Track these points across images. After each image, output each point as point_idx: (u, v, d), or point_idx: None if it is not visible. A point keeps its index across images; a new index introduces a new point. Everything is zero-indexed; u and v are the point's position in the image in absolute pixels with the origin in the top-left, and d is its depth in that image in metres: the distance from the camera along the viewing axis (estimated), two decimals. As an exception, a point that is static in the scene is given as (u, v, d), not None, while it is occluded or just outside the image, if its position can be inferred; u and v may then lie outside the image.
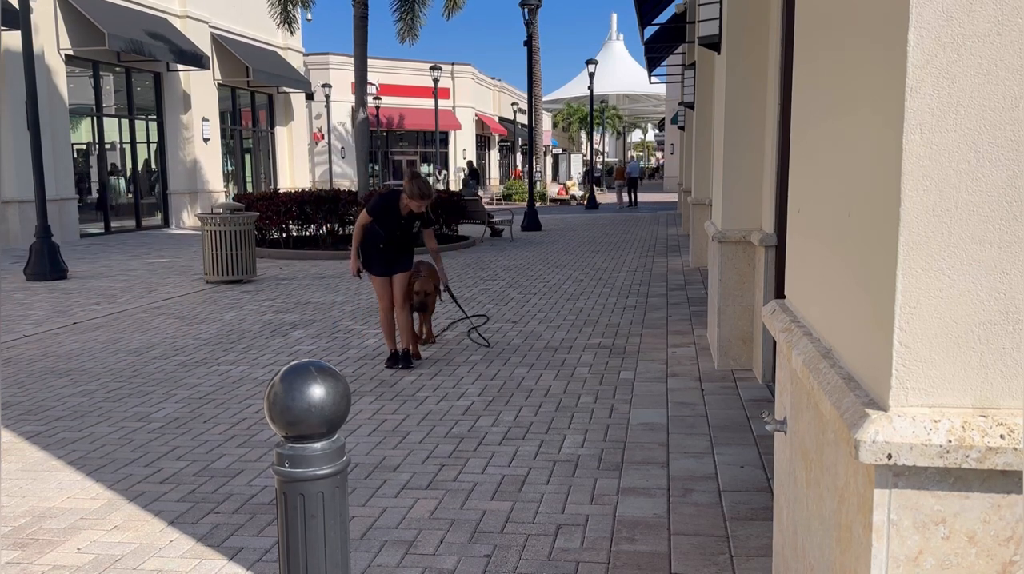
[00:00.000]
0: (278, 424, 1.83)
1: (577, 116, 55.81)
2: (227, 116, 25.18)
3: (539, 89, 35.33)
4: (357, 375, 6.20)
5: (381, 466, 4.31)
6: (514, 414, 5.19)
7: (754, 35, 5.78)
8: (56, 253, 11.72)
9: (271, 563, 3.28)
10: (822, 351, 1.79)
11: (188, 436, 4.85)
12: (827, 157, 1.85)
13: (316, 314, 8.80)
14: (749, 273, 6.02)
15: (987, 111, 1.30)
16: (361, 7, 16.02)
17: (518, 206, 27.72)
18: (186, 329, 8.05)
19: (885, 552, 1.40)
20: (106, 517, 3.72)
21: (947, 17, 1.29)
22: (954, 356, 1.36)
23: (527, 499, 3.85)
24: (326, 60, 34.39)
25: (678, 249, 14.95)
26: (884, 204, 1.41)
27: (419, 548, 3.37)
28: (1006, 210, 1.31)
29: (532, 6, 21.65)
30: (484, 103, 43.77)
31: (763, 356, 5.66)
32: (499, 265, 13.06)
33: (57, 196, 16.63)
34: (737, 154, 5.96)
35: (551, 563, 3.22)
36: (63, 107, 17.64)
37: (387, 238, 6.37)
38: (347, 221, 15.58)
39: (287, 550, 1.87)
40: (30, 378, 6.24)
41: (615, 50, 60.02)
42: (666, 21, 16.47)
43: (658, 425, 4.89)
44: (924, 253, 1.34)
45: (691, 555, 3.23)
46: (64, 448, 4.66)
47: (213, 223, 10.96)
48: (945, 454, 1.32)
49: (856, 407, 1.44)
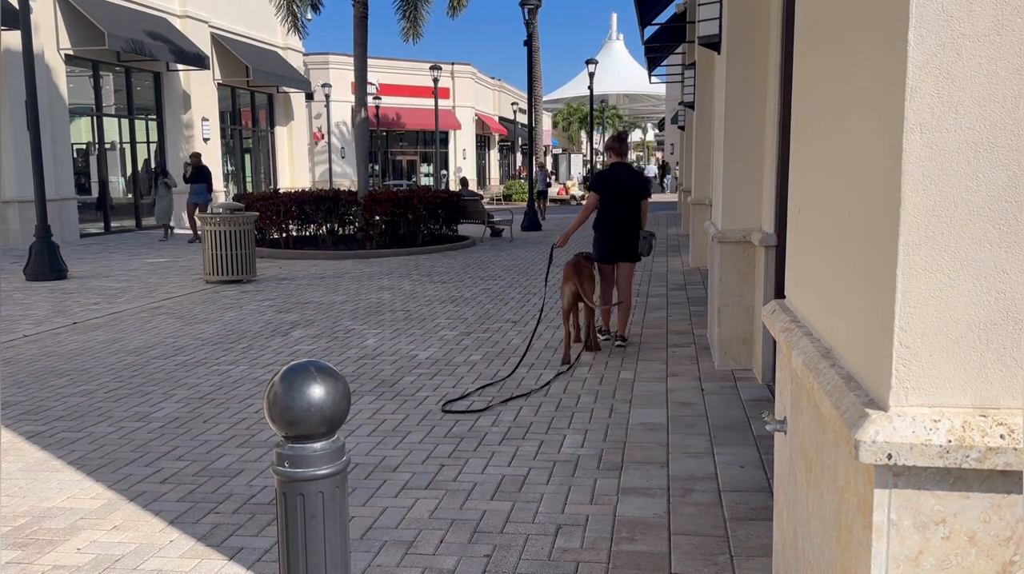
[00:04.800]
0: (278, 424, 1.83)
1: (577, 116, 55.84)
2: (227, 116, 25.18)
3: (539, 89, 35.32)
4: (357, 375, 6.20)
5: (381, 466, 4.31)
6: (514, 414, 5.18)
7: (754, 35, 5.78)
8: (56, 253, 11.72)
9: (271, 563, 3.28)
10: (822, 351, 1.79)
11: (188, 436, 4.85)
12: (827, 157, 1.85)
13: (316, 314, 8.80)
14: (749, 273, 6.02)
15: (987, 111, 1.30)
16: (361, 7, 16.01)
17: (518, 206, 27.71)
18: (186, 329, 8.05)
19: (885, 552, 1.40)
20: (106, 517, 3.72)
21: (947, 17, 1.28)
22: (954, 356, 1.36)
23: (527, 499, 3.85)
24: (326, 60, 34.40)
25: (678, 249, 14.95)
26: (884, 204, 1.41)
27: (419, 548, 3.38)
28: (1006, 210, 1.31)
29: (532, 6, 21.64)
30: (484, 103, 43.78)
31: (763, 356, 5.66)
32: (499, 265, 13.06)
33: (57, 196, 16.62)
34: (737, 154, 5.96)
35: (551, 563, 3.22)
36: (63, 107, 17.64)
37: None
38: (347, 221, 15.59)
39: (287, 550, 1.87)
40: (30, 378, 6.24)
41: (615, 50, 60.06)
42: (666, 21, 16.47)
43: (658, 425, 4.89)
44: (924, 253, 1.34)
45: (691, 555, 3.23)
46: (64, 448, 4.66)
47: (213, 223, 10.96)
48: (945, 454, 1.32)
49: (856, 407, 1.44)
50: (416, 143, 39.94)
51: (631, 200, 6.98)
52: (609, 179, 7.00)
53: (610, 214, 6.97)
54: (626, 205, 6.96)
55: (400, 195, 15.33)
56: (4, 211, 16.23)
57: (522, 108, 45.52)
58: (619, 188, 6.94)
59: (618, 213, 6.96)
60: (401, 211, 15.04)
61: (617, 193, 6.94)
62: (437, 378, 6.09)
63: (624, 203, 6.96)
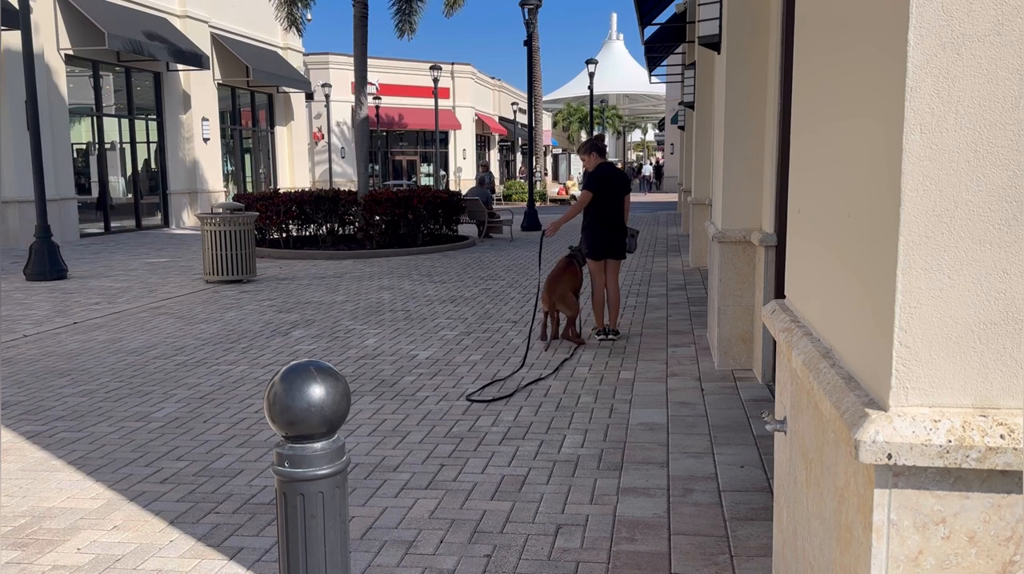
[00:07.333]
0: (278, 424, 1.83)
1: (577, 116, 55.80)
2: (227, 116, 25.17)
3: (539, 89, 35.34)
4: (357, 375, 6.20)
5: (381, 466, 4.31)
6: (514, 414, 5.18)
7: (754, 34, 5.78)
8: (56, 253, 11.72)
9: (271, 563, 3.28)
10: (822, 351, 1.79)
11: (188, 436, 4.85)
12: (827, 157, 1.85)
13: (316, 314, 8.80)
14: (749, 273, 6.02)
15: (987, 111, 1.30)
16: (361, 7, 16.02)
17: (518, 206, 27.70)
18: (186, 329, 8.05)
19: (885, 552, 1.40)
20: (106, 517, 3.72)
21: (947, 17, 1.28)
22: (954, 356, 1.36)
23: (527, 499, 3.85)
24: (326, 60, 34.39)
25: (678, 249, 14.95)
26: (884, 204, 1.41)
27: (419, 548, 3.37)
28: (1006, 210, 1.31)
29: (532, 6, 21.64)
30: (484, 103, 43.77)
31: (763, 356, 5.66)
32: (499, 265, 13.06)
33: (57, 196, 16.62)
34: (737, 154, 5.96)
35: (551, 563, 3.22)
36: (63, 107, 17.63)
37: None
38: (347, 221, 15.59)
39: (287, 550, 1.87)
40: (30, 378, 6.24)
41: (615, 50, 60.04)
42: (666, 21, 16.48)
43: (658, 425, 4.89)
44: (924, 253, 1.33)
45: (691, 555, 3.23)
46: (64, 448, 4.66)
47: (213, 223, 10.96)
48: (945, 454, 1.32)
49: (856, 407, 1.44)
50: (416, 143, 39.92)
51: (620, 199, 7.24)
52: (602, 179, 7.15)
53: (604, 213, 7.16)
54: (616, 204, 7.21)
55: (400, 195, 15.32)
56: (4, 211, 16.23)
57: (522, 108, 45.50)
58: (611, 187, 7.15)
59: (610, 212, 7.17)
60: (401, 211, 15.04)
61: (609, 192, 7.14)
62: (437, 378, 6.09)
63: (615, 202, 7.19)
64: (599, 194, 7.09)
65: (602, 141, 7.49)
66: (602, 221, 7.15)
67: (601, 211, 7.13)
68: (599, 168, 7.20)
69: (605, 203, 7.12)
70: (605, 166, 7.24)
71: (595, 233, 7.19)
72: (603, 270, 7.30)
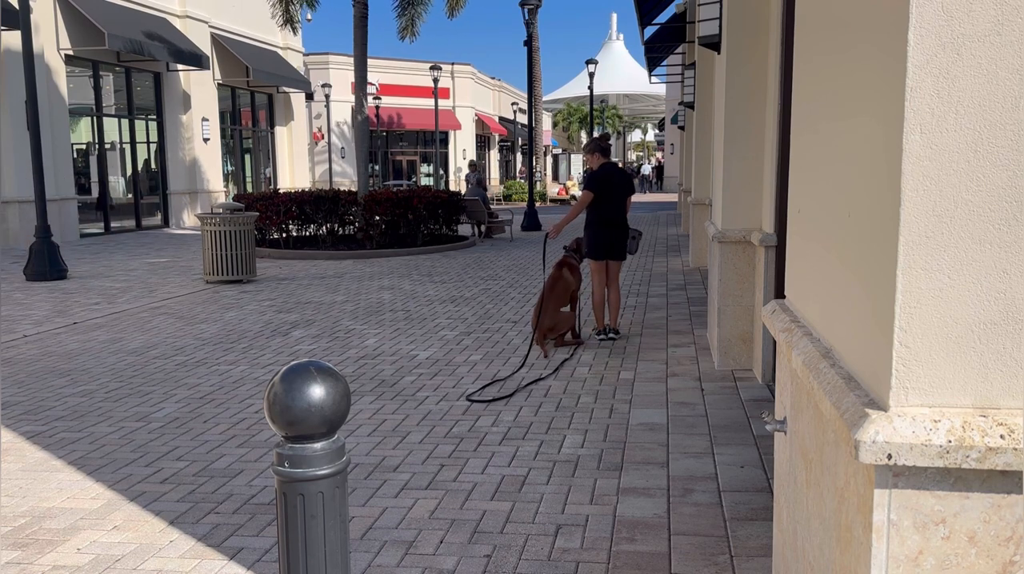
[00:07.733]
0: (278, 424, 1.83)
1: (577, 116, 55.81)
2: (227, 116, 25.17)
3: (539, 89, 35.34)
4: (357, 375, 6.20)
5: (381, 466, 4.31)
6: (514, 414, 5.18)
7: (754, 34, 5.78)
8: (56, 253, 11.72)
9: (271, 563, 3.28)
10: (822, 351, 1.79)
11: (188, 436, 4.85)
12: (827, 157, 1.85)
13: (316, 314, 8.80)
14: (749, 273, 6.02)
15: (987, 111, 1.30)
16: (361, 7, 16.02)
17: (518, 206, 27.69)
18: (186, 329, 8.05)
19: (885, 552, 1.40)
20: (106, 517, 3.72)
21: (947, 17, 1.28)
22: (954, 356, 1.36)
23: (527, 499, 3.85)
24: (326, 60, 34.39)
25: (678, 249, 14.95)
26: (884, 204, 1.41)
27: (419, 548, 3.37)
28: (1006, 210, 1.31)
29: (532, 6, 21.64)
30: (484, 103, 43.77)
31: (763, 356, 5.66)
32: (499, 265, 13.07)
33: (57, 196, 16.62)
34: (737, 154, 5.96)
35: (551, 563, 3.22)
36: (63, 107, 17.63)
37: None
38: (347, 221, 15.59)
39: (287, 550, 1.87)
40: (30, 378, 6.24)
41: (615, 50, 60.05)
42: (666, 21, 16.48)
43: (658, 425, 4.89)
44: (924, 253, 1.33)
45: (691, 555, 3.23)
46: (64, 448, 4.66)
47: (213, 223, 10.96)
48: (945, 454, 1.32)
49: (856, 407, 1.43)
50: (416, 143, 39.92)
51: (622, 199, 7.24)
52: (604, 179, 7.15)
53: (605, 213, 7.16)
54: (618, 204, 7.21)
55: (400, 195, 15.33)
56: (4, 211, 16.22)
57: (522, 108, 45.49)
58: (611, 187, 7.15)
59: (612, 212, 7.17)
60: (401, 211, 15.04)
61: (611, 192, 7.14)
62: (437, 378, 6.09)
63: (617, 202, 7.20)
64: (600, 194, 7.09)
65: (606, 141, 7.47)
66: (603, 221, 7.16)
67: (602, 211, 7.13)
68: (601, 168, 7.20)
69: (606, 203, 7.12)
70: (607, 166, 7.23)
71: (596, 233, 7.19)
72: (604, 270, 7.30)
